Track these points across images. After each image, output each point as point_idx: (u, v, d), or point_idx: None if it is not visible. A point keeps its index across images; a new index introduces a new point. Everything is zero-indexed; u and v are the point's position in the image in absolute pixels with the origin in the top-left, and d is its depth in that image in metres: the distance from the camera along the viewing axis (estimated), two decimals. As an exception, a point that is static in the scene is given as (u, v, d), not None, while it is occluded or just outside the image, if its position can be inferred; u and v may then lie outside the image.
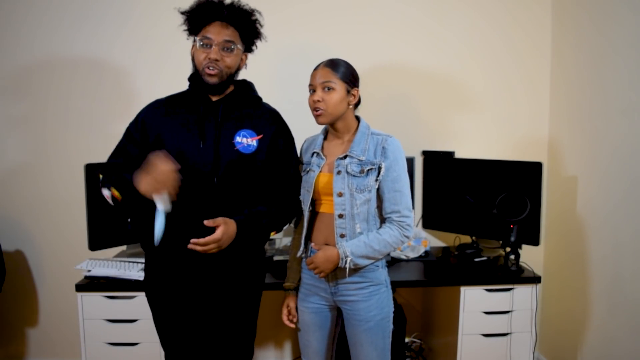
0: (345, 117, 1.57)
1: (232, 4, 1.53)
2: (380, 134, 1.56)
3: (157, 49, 2.46)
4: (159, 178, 1.32)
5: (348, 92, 1.54)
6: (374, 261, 1.55)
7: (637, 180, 1.92)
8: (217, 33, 1.49)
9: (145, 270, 1.63)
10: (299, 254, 1.65)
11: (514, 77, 2.59)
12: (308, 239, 1.63)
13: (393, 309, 1.63)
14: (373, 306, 1.56)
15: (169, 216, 1.38)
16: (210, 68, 1.48)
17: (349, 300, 1.57)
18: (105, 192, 1.51)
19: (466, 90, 2.59)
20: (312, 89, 1.54)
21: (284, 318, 1.68)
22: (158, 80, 2.45)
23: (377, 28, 2.53)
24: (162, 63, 2.46)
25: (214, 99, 1.54)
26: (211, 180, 1.48)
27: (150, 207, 1.38)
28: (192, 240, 1.40)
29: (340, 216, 1.53)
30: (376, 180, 1.52)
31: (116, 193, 1.47)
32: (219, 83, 1.51)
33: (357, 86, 1.59)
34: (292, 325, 1.67)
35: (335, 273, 1.56)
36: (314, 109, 1.53)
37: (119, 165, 1.53)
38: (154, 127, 1.52)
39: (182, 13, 1.54)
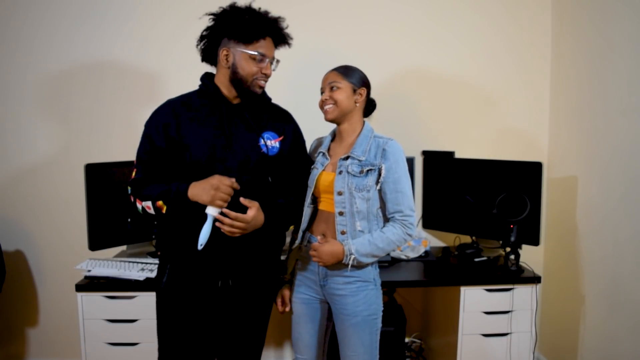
0: (352, 117, 1.63)
1: (282, 27, 1.58)
2: (382, 137, 1.62)
3: (158, 49, 2.45)
4: (222, 188, 1.40)
5: (354, 91, 1.61)
6: (376, 259, 1.58)
7: (637, 180, 1.92)
8: (271, 49, 1.56)
9: (162, 272, 1.60)
10: (295, 244, 1.69)
11: (514, 77, 2.59)
12: (305, 232, 1.68)
13: (382, 309, 1.65)
14: (360, 302, 1.58)
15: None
16: (263, 82, 1.56)
17: (336, 294, 1.60)
18: (146, 204, 1.50)
19: (466, 90, 2.59)
20: (322, 91, 1.64)
21: (279, 306, 1.72)
22: (159, 80, 2.45)
23: (378, 29, 2.53)
24: (163, 63, 2.45)
25: (235, 102, 1.58)
26: (239, 181, 1.48)
27: (195, 214, 1.45)
28: (225, 210, 1.43)
29: (341, 213, 1.57)
30: (377, 182, 1.56)
31: (161, 204, 1.48)
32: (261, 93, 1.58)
33: (365, 87, 1.65)
34: (287, 309, 1.70)
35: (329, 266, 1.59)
36: (322, 107, 1.62)
37: (154, 178, 1.53)
38: (176, 129, 1.52)
39: (236, 18, 1.50)
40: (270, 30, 1.53)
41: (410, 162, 2.43)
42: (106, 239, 2.17)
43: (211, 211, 1.43)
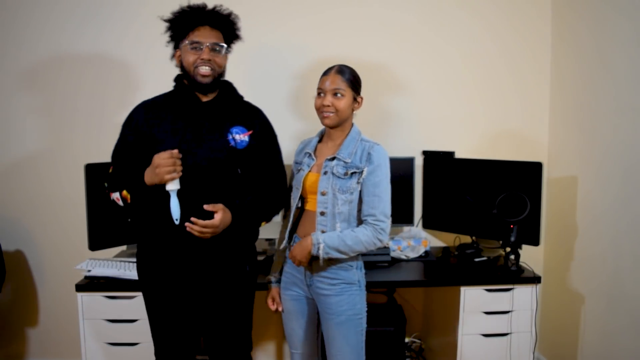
0: (345, 122, 1.65)
1: (214, 9, 1.60)
2: (369, 141, 1.63)
3: (165, 48, 2.43)
4: (161, 163, 1.44)
5: (354, 99, 1.63)
6: (345, 257, 1.58)
7: (637, 180, 1.92)
8: (206, 36, 1.56)
9: (139, 265, 1.68)
10: (282, 245, 1.71)
11: (515, 78, 2.58)
12: (293, 232, 1.70)
13: (366, 309, 1.67)
14: (344, 301, 1.60)
15: (179, 195, 1.50)
16: (204, 68, 1.55)
17: (321, 294, 1.62)
18: (115, 196, 1.59)
19: (466, 90, 2.59)
20: (321, 93, 1.61)
21: (270, 306, 1.75)
22: (167, 79, 2.42)
23: (378, 30, 2.52)
24: (169, 65, 2.44)
25: (204, 99, 1.61)
26: (209, 176, 1.55)
27: (160, 195, 1.50)
28: (192, 219, 1.47)
29: (322, 214, 1.58)
30: (358, 182, 1.58)
31: (125, 193, 1.55)
32: (211, 82, 1.58)
33: (360, 93, 1.66)
34: (280, 309, 1.73)
35: (312, 266, 1.61)
36: (322, 112, 1.60)
37: (120, 170, 1.61)
38: (147, 128, 1.58)
39: (167, 20, 1.59)
40: (202, 18, 1.56)
41: (410, 162, 2.43)
42: (106, 239, 2.17)
43: (169, 187, 1.47)
